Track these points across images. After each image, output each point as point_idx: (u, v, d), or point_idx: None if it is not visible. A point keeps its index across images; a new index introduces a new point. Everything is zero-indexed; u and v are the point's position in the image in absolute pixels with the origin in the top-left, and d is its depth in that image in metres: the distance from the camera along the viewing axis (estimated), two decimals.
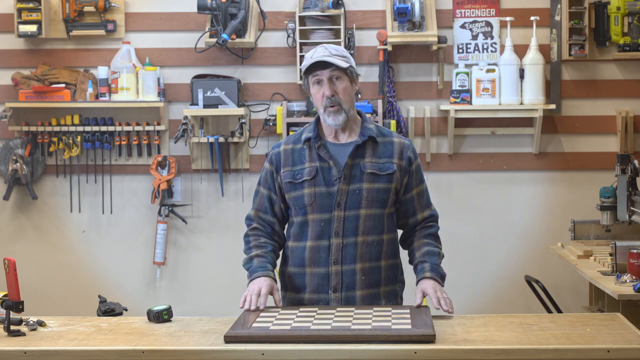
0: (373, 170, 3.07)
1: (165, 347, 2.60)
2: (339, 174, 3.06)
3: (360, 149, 3.09)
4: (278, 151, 3.17)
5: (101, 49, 5.42)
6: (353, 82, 3.10)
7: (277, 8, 5.38)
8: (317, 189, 3.07)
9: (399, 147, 3.13)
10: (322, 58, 3.02)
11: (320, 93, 3.06)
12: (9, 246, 5.43)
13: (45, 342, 2.67)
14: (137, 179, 5.46)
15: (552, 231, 5.32)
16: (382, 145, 3.12)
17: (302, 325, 2.71)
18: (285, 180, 3.12)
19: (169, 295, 5.44)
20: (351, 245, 3.06)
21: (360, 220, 3.06)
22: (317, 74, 3.05)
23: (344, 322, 2.73)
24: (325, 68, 3.03)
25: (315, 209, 3.07)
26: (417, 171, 3.16)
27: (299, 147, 3.14)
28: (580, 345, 2.54)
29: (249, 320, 2.79)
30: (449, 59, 5.35)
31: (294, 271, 3.14)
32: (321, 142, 3.11)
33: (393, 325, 2.68)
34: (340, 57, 3.05)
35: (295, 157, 3.13)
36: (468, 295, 5.37)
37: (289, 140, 3.19)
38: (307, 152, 3.12)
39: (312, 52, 3.08)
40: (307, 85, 3.11)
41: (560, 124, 5.36)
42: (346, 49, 5.24)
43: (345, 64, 3.04)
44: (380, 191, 3.07)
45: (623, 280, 3.78)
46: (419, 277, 3.08)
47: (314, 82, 3.07)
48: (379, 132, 3.15)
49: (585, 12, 5.20)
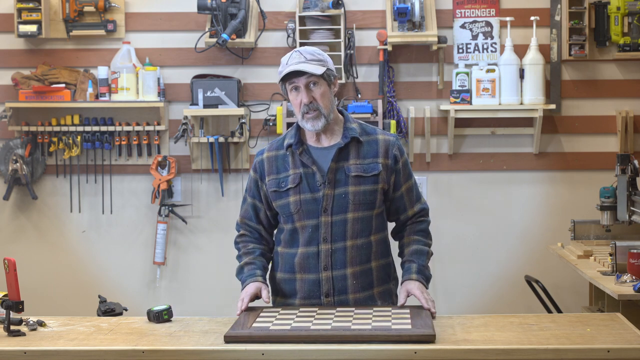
0: (358, 173, 3.03)
1: (165, 347, 2.61)
2: (323, 179, 3.02)
3: (343, 152, 3.04)
4: (261, 159, 3.14)
5: (101, 49, 5.42)
6: (331, 84, 3.05)
7: (277, 8, 5.38)
8: (302, 195, 3.03)
9: (384, 145, 3.08)
10: (297, 66, 2.96)
11: (298, 100, 3.01)
12: (9, 246, 5.43)
13: (45, 342, 2.67)
14: (137, 179, 5.46)
15: (552, 231, 5.32)
16: (366, 145, 3.07)
17: (302, 325, 2.71)
18: (271, 189, 3.08)
19: (169, 295, 5.44)
20: (340, 250, 3.03)
21: (348, 225, 3.03)
22: (293, 81, 3.00)
23: (344, 322, 2.73)
24: (301, 75, 2.98)
25: (302, 216, 3.03)
26: (404, 168, 3.11)
27: (281, 153, 3.10)
28: (580, 345, 2.54)
29: (249, 320, 2.79)
30: (449, 59, 5.35)
31: (284, 277, 3.12)
32: (303, 148, 3.06)
33: (393, 325, 2.68)
34: (316, 61, 3.00)
35: (279, 164, 3.09)
36: (468, 295, 5.37)
37: (272, 147, 3.15)
38: (290, 158, 3.07)
39: (287, 58, 3.02)
40: (284, 91, 3.06)
41: (560, 124, 5.36)
42: (346, 49, 5.26)
43: (320, 70, 2.98)
44: (366, 193, 3.03)
45: (623, 280, 3.78)
46: (405, 277, 3.06)
47: (291, 89, 3.02)
48: (362, 130, 3.10)
49: (585, 12, 5.20)
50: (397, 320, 2.75)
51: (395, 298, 3.17)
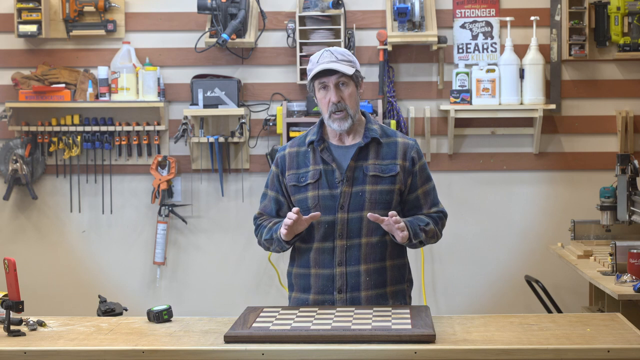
0: (376, 173, 3.08)
1: (165, 347, 2.61)
2: (341, 176, 3.07)
3: (363, 151, 3.10)
4: (283, 154, 3.20)
5: (101, 49, 5.42)
6: (358, 86, 3.11)
7: (277, 8, 5.38)
8: (321, 191, 3.08)
9: (402, 148, 3.13)
10: (329, 65, 3.02)
11: (327, 99, 3.06)
12: (9, 246, 5.43)
13: (45, 342, 2.67)
14: (137, 179, 5.46)
15: (552, 231, 5.32)
16: (385, 146, 3.12)
17: (302, 326, 2.71)
18: (290, 183, 3.14)
19: (169, 295, 5.44)
20: (355, 246, 3.07)
21: (364, 222, 3.06)
22: (323, 80, 3.05)
23: (344, 322, 2.73)
24: (332, 74, 3.04)
25: (319, 211, 3.06)
26: (421, 171, 3.15)
27: (303, 149, 3.16)
28: (580, 345, 2.54)
29: (249, 320, 2.79)
30: (449, 59, 5.35)
31: (299, 272, 3.15)
32: (324, 145, 3.13)
33: (393, 325, 2.68)
34: (347, 62, 3.06)
35: (300, 160, 3.15)
36: (468, 295, 5.37)
37: (294, 143, 3.21)
38: (311, 155, 3.13)
39: (317, 56, 3.08)
40: (312, 90, 3.12)
41: (560, 124, 5.36)
42: (346, 49, 5.25)
43: (351, 70, 3.05)
44: (383, 193, 3.07)
45: (623, 280, 3.78)
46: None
47: (320, 87, 3.08)
48: (383, 132, 3.15)
49: (585, 12, 5.20)
50: (397, 320, 2.75)
51: (409, 300, 3.19)
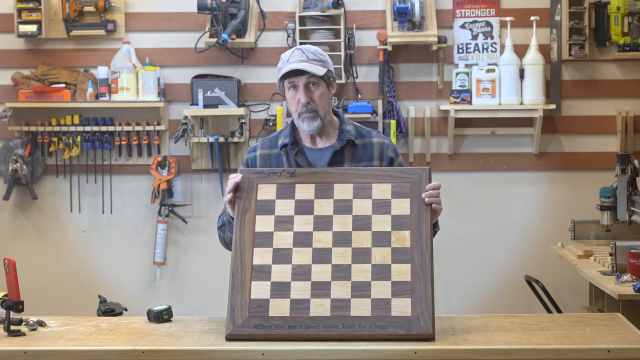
0: None
1: (165, 347, 2.60)
2: None
3: (338, 155, 3.01)
4: (254, 155, 3.09)
5: (101, 49, 5.41)
6: (330, 86, 3.01)
7: (277, 8, 5.37)
8: None
9: (378, 148, 3.05)
10: (298, 65, 2.91)
11: (296, 99, 2.95)
12: (9, 246, 5.43)
13: (45, 342, 2.67)
14: (137, 179, 5.46)
15: (552, 231, 5.31)
16: (361, 148, 3.04)
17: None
18: None
19: (169, 295, 5.43)
20: None
21: None
22: (292, 80, 2.95)
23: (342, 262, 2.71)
24: (302, 74, 2.93)
25: None
26: None
27: (275, 152, 3.06)
28: (580, 345, 2.54)
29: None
30: (449, 59, 5.35)
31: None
32: (298, 148, 3.03)
33: (393, 305, 2.63)
34: (318, 61, 2.95)
35: (272, 163, 3.05)
36: (468, 295, 5.37)
37: (265, 145, 3.10)
38: (285, 158, 3.04)
39: (288, 55, 2.97)
40: (282, 89, 3.01)
41: (560, 124, 5.36)
42: (345, 49, 5.26)
43: (322, 71, 2.94)
44: None
45: (623, 280, 3.78)
46: None
47: (290, 87, 2.97)
48: (357, 133, 3.06)
49: (585, 12, 5.20)
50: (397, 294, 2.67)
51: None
